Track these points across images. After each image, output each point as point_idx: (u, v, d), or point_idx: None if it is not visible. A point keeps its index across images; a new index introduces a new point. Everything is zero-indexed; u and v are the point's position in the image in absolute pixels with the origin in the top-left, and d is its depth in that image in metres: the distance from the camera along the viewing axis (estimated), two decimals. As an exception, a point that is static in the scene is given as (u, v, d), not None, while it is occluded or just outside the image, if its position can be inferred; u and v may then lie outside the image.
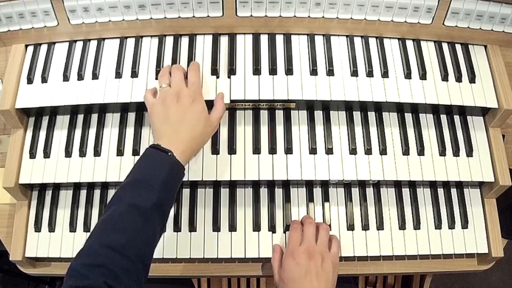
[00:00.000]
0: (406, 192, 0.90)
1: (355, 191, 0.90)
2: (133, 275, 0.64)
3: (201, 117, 0.79)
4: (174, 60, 0.87)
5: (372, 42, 0.91)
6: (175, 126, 0.76)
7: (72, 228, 0.87)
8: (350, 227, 0.87)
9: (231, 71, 0.86)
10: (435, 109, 0.91)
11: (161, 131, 0.77)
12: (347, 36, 0.91)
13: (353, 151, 0.86)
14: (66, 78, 0.87)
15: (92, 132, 0.88)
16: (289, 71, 0.86)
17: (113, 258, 0.62)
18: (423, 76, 0.88)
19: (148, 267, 0.69)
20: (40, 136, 0.89)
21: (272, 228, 0.86)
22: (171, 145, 0.74)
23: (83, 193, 0.90)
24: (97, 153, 0.86)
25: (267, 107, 0.89)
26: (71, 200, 0.89)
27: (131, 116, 0.89)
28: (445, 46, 0.92)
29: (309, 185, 0.89)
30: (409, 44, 0.91)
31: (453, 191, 0.91)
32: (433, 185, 0.91)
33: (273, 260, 0.83)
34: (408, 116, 0.91)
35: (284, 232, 0.86)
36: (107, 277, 0.60)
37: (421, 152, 0.87)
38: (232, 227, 0.86)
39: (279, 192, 0.89)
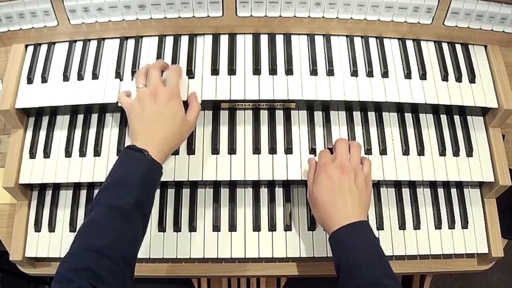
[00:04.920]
0: (406, 192, 0.90)
1: (355, 191, 0.89)
2: (118, 276, 0.65)
3: (177, 116, 0.79)
4: (174, 60, 0.87)
5: (372, 42, 0.91)
6: (151, 125, 0.77)
7: (72, 228, 0.87)
8: (350, 227, 0.87)
9: (231, 71, 0.86)
10: (435, 109, 0.91)
11: (137, 131, 0.78)
12: (347, 36, 0.91)
13: (353, 151, 0.86)
14: (66, 78, 0.87)
15: (92, 132, 0.88)
16: (289, 71, 0.86)
17: (97, 260, 0.63)
18: (423, 76, 0.88)
19: (133, 267, 0.69)
20: (40, 136, 0.89)
21: (272, 228, 0.86)
22: (146, 145, 0.74)
23: (83, 193, 0.90)
24: (97, 153, 0.86)
25: (267, 107, 0.89)
26: (71, 200, 0.89)
27: (131, 116, 0.89)
28: (445, 46, 0.92)
29: (309, 185, 0.89)
30: (409, 44, 0.91)
31: (453, 191, 0.91)
32: (433, 185, 0.91)
33: (308, 175, 0.81)
34: (408, 116, 0.91)
35: (285, 231, 0.86)
36: (92, 279, 0.61)
37: (421, 152, 0.87)
38: (232, 227, 0.86)
39: (279, 192, 0.89)
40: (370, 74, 0.87)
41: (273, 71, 0.86)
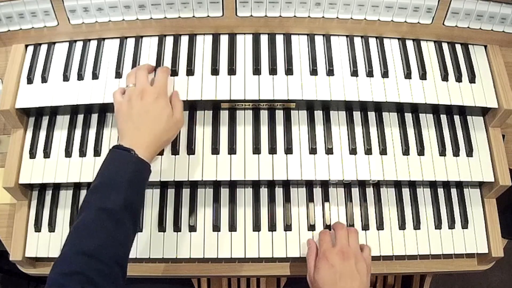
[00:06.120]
0: (406, 192, 0.90)
1: (355, 191, 0.90)
2: (110, 278, 0.64)
3: (164, 114, 0.79)
4: (174, 60, 0.87)
5: (372, 42, 0.91)
6: (137, 123, 0.77)
7: (72, 228, 0.87)
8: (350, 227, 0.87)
9: (231, 71, 0.86)
10: (435, 109, 0.91)
11: (123, 130, 0.78)
12: (347, 36, 0.91)
13: (353, 151, 0.86)
14: (66, 78, 0.87)
15: (92, 132, 0.88)
16: (289, 71, 0.86)
17: (88, 264, 0.63)
18: (423, 76, 0.88)
19: (125, 268, 0.69)
20: (40, 136, 0.89)
21: (272, 228, 0.86)
22: (132, 144, 0.74)
23: (83, 193, 0.90)
24: (97, 153, 0.86)
25: (267, 107, 0.89)
26: (71, 200, 0.89)
27: (131, 116, 0.89)
28: (445, 46, 0.92)
29: (309, 185, 0.89)
30: (409, 44, 0.91)
31: (453, 191, 0.91)
32: (433, 185, 0.91)
33: (308, 259, 0.82)
34: (408, 116, 0.91)
35: (285, 231, 0.86)
36: (84, 283, 0.61)
37: (421, 152, 0.87)
38: (232, 227, 0.86)
39: (279, 192, 0.89)
40: (370, 74, 0.87)
41: (273, 71, 0.86)
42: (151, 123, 0.78)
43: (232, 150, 0.85)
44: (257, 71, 0.86)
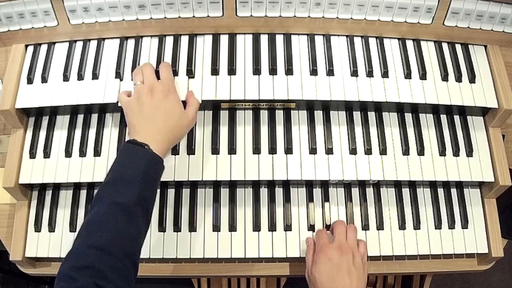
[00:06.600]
0: (406, 192, 0.90)
1: (355, 191, 0.90)
2: (122, 273, 0.64)
3: (175, 110, 0.79)
4: (174, 60, 0.87)
5: (372, 42, 0.91)
6: (150, 119, 0.77)
7: (72, 228, 0.87)
8: (350, 227, 0.87)
9: (231, 71, 0.86)
10: (435, 109, 0.91)
11: (136, 126, 0.77)
12: (347, 36, 0.91)
13: (353, 151, 0.86)
14: (66, 78, 0.87)
15: (92, 132, 0.88)
16: (289, 71, 0.86)
17: (100, 258, 0.63)
18: (423, 76, 0.88)
19: (137, 263, 0.69)
20: (40, 136, 0.89)
21: (272, 228, 0.86)
22: (146, 138, 0.74)
23: (83, 193, 0.90)
24: (97, 153, 0.86)
25: (267, 107, 0.89)
26: (71, 200, 0.89)
27: (131, 116, 0.89)
28: (445, 46, 0.92)
29: (309, 185, 0.89)
30: (409, 44, 0.91)
31: (453, 191, 0.91)
32: (433, 185, 0.91)
33: (307, 255, 0.82)
34: (408, 116, 0.91)
35: (285, 231, 0.86)
36: (95, 277, 0.61)
37: (421, 152, 0.87)
38: (232, 227, 0.86)
39: (279, 192, 0.89)
40: (370, 74, 0.87)
41: (273, 71, 0.86)
42: (163, 119, 0.77)
43: (232, 150, 0.85)
44: (257, 71, 0.86)
